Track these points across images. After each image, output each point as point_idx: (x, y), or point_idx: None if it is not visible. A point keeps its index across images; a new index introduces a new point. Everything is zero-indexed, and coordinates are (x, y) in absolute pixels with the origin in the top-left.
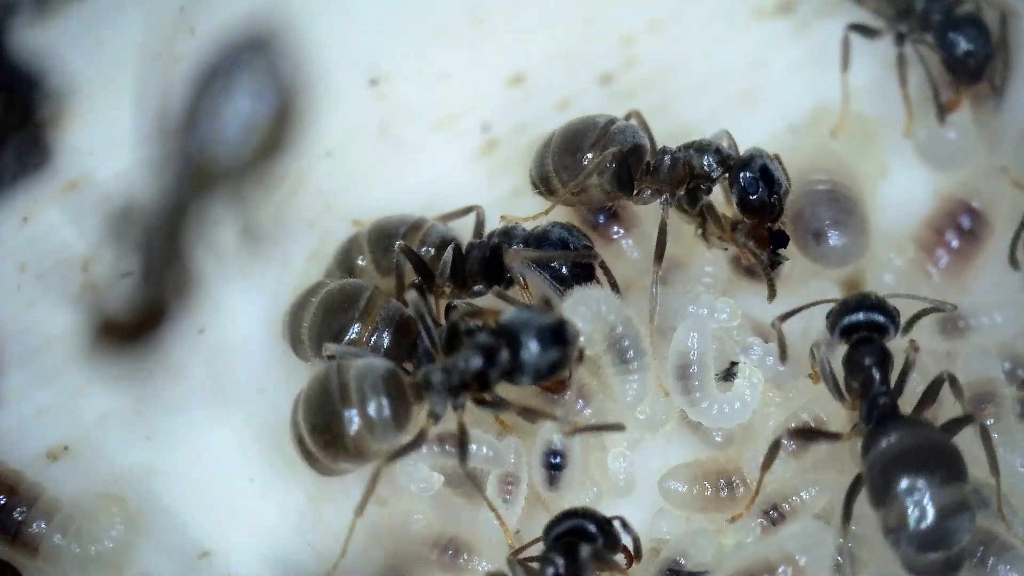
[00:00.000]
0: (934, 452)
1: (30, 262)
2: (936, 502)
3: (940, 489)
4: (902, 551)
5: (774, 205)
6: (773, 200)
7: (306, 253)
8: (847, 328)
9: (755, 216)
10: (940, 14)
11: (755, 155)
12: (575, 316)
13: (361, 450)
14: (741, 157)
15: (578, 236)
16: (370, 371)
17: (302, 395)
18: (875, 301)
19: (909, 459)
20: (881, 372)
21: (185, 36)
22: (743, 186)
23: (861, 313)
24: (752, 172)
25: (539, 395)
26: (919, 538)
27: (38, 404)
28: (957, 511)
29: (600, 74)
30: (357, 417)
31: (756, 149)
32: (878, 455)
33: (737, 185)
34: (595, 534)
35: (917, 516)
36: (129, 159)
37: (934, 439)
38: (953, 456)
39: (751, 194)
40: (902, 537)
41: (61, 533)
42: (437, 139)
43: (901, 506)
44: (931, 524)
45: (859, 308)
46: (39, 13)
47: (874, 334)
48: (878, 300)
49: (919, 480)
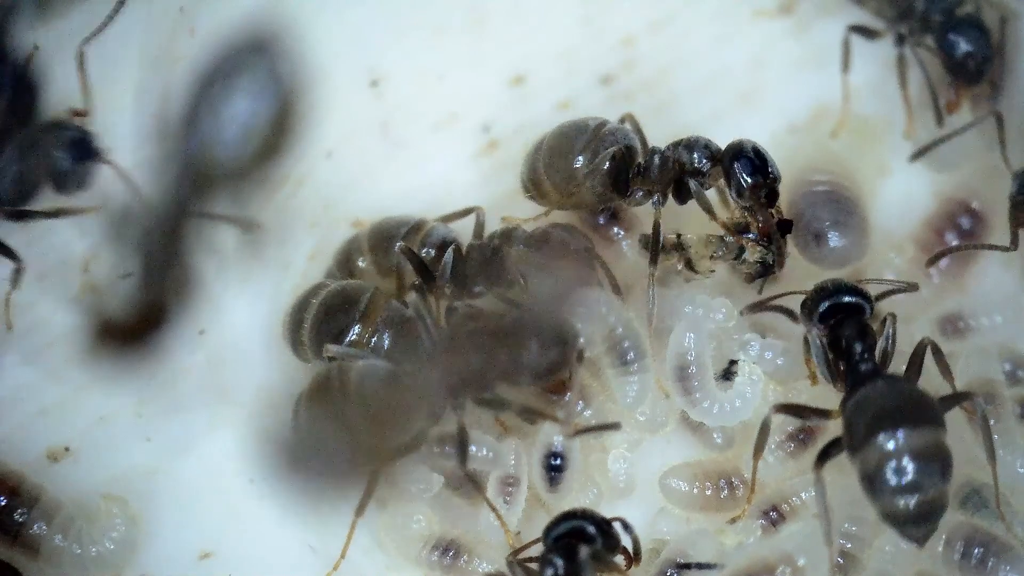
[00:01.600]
0: (908, 399)
1: (31, 263)
2: (909, 445)
3: (913, 433)
4: (877, 497)
5: (772, 185)
6: (770, 180)
7: (306, 254)
8: (824, 313)
9: (754, 200)
10: (940, 15)
11: (743, 142)
12: (576, 318)
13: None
14: (729, 146)
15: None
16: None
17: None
18: (845, 284)
19: (883, 405)
20: (861, 343)
21: (185, 37)
22: (738, 171)
23: (835, 297)
24: (745, 156)
25: (539, 396)
26: (893, 481)
27: (39, 405)
28: (931, 455)
29: (600, 75)
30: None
31: (741, 139)
32: (854, 405)
33: (732, 172)
34: (594, 535)
35: (891, 459)
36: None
37: (908, 389)
38: (927, 403)
39: (747, 176)
40: (877, 482)
41: (62, 534)
42: (437, 140)
43: (875, 450)
44: (905, 467)
45: (833, 292)
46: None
47: (850, 314)
48: (847, 283)
49: (892, 424)
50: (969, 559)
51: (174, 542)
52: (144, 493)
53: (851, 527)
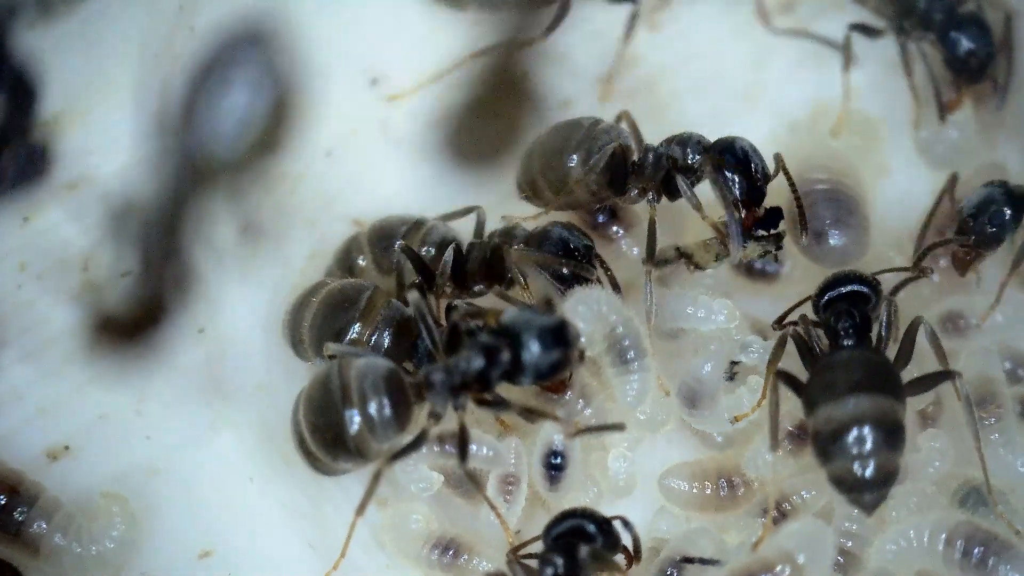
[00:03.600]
0: (870, 367)
1: (30, 261)
2: (862, 412)
3: (866, 399)
4: (827, 460)
5: (758, 184)
6: (757, 179)
7: (306, 252)
8: (827, 303)
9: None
10: (942, 13)
11: (733, 138)
12: (575, 316)
13: (362, 450)
14: (719, 142)
15: (578, 236)
16: (371, 371)
17: (303, 395)
18: (854, 274)
19: (844, 370)
20: (849, 324)
21: (184, 34)
22: (725, 170)
23: (840, 287)
24: (732, 154)
25: (540, 395)
26: (843, 446)
27: (38, 403)
28: (883, 423)
29: (601, 74)
30: (358, 417)
31: (732, 136)
32: (818, 367)
33: (720, 171)
34: (594, 534)
35: (844, 425)
36: (129, 157)
37: (872, 358)
38: (888, 373)
39: (734, 175)
40: (828, 446)
41: (62, 533)
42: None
43: (826, 412)
44: (856, 434)
45: (838, 283)
46: (41, 14)
47: (855, 304)
48: (857, 273)
49: (848, 389)
50: (969, 558)
51: (174, 541)
52: (144, 491)
53: (851, 525)
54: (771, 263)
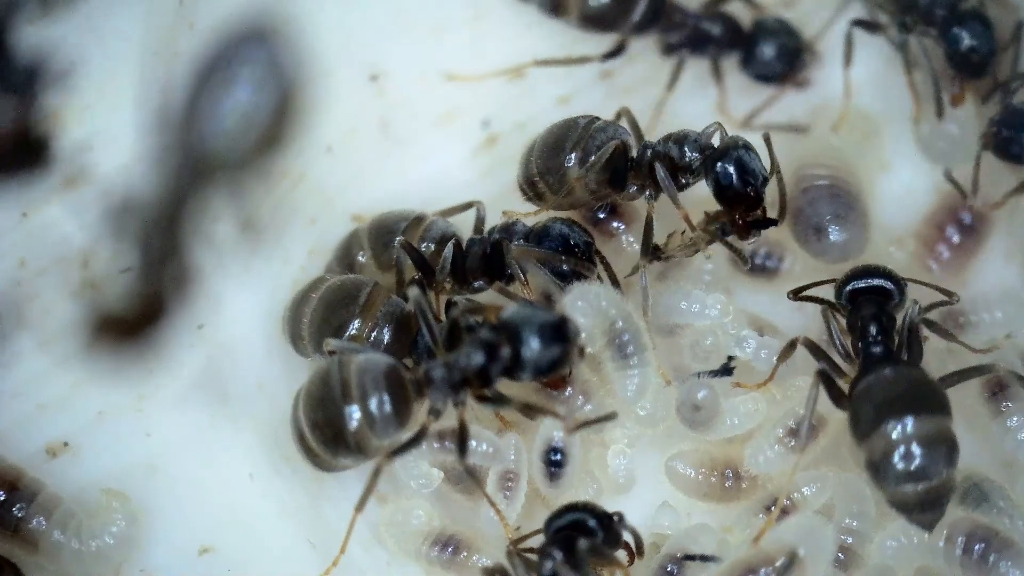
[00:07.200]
0: (916, 386)
1: (30, 258)
2: (916, 433)
3: (921, 420)
4: (885, 484)
5: (749, 195)
6: (749, 191)
7: (306, 249)
8: (853, 292)
9: (732, 206)
10: (944, 9)
11: (731, 145)
12: (576, 312)
13: (362, 446)
14: (717, 147)
15: (579, 231)
16: (371, 367)
17: (303, 391)
18: (881, 269)
19: (891, 392)
20: (877, 325)
21: (185, 31)
22: (717, 177)
23: (867, 279)
24: (726, 162)
25: (540, 392)
26: (900, 468)
27: (38, 400)
28: (937, 442)
29: (600, 70)
30: (358, 413)
31: (734, 138)
32: (862, 390)
33: (712, 176)
34: (595, 529)
35: (898, 446)
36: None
37: (915, 375)
38: (935, 391)
39: (726, 184)
40: (884, 469)
41: (61, 529)
42: (437, 135)
43: (882, 437)
44: (912, 454)
45: (865, 275)
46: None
47: (878, 298)
48: (884, 268)
49: (899, 412)
50: (971, 554)
51: (174, 537)
52: (144, 488)
53: (852, 522)
54: (772, 259)
